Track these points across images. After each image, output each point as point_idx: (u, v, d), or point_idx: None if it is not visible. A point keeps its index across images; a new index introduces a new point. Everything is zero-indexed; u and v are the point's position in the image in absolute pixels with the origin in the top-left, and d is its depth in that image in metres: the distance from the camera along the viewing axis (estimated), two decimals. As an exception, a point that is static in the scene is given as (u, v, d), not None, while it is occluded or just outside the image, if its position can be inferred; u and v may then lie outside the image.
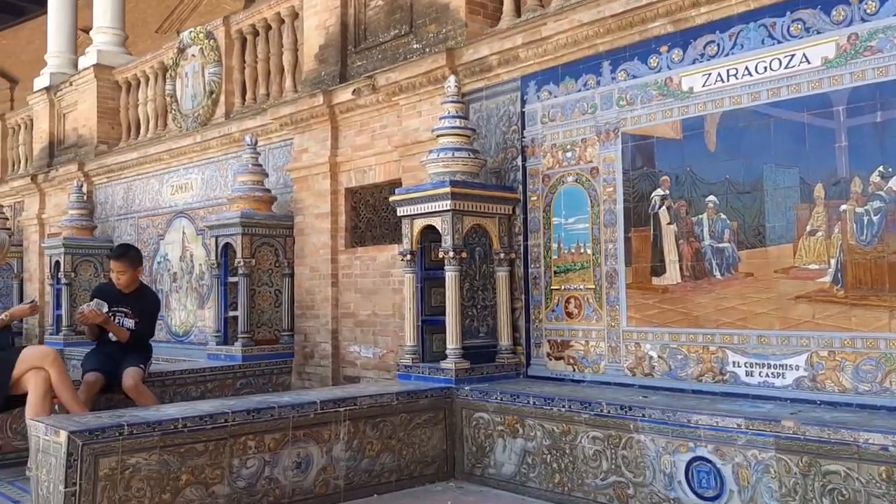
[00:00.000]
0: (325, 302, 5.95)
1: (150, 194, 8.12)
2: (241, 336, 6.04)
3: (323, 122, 5.98)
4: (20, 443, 4.88)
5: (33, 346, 4.80)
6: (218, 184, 7.27)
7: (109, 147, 8.96)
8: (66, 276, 8.19)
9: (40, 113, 9.96)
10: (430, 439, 4.26)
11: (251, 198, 6.20)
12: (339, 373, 5.88)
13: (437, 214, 4.49)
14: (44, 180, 9.46)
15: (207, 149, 7.28)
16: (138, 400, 5.06)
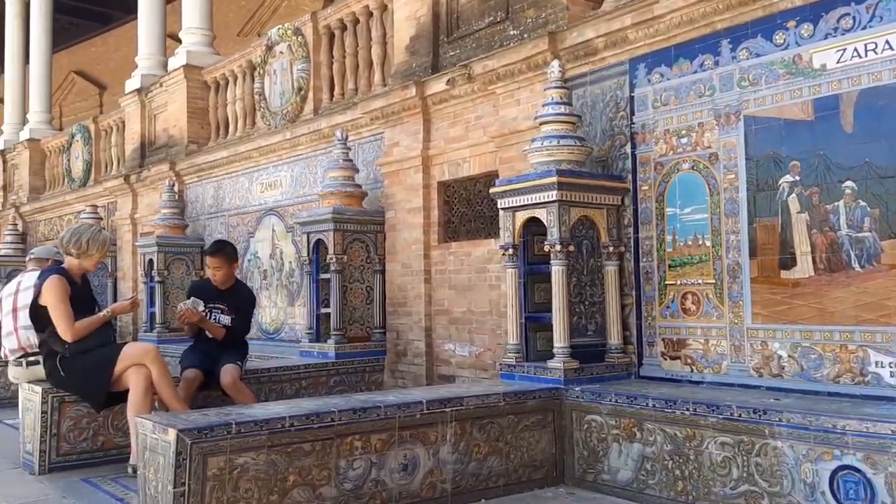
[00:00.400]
0: (418, 299, 5.80)
1: (239, 192, 8.15)
2: (333, 333, 5.95)
3: (415, 115, 5.83)
4: (121, 439, 4.89)
5: (135, 343, 4.81)
6: (307, 181, 7.22)
7: (199, 147, 9.06)
8: (160, 275, 8.30)
9: (132, 114, 10.17)
10: (538, 442, 4.05)
11: (342, 193, 6.11)
12: (434, 371, 5.72)
13: (541, 206, 4.27)
14: (136, 180, 9.64)
15: (296, 146, 7.24)
16: (236, 397, 5.01)
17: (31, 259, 5.47)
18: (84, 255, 4.77)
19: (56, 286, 4.60)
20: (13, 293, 5.09)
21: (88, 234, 4.80)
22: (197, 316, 5.06)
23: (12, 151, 13.49)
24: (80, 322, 4.61)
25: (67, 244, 4.76)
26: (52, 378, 4.69)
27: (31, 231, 12.74)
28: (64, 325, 4.56)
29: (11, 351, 4.98)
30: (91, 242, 4.77)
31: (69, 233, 4.79)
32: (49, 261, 5.45)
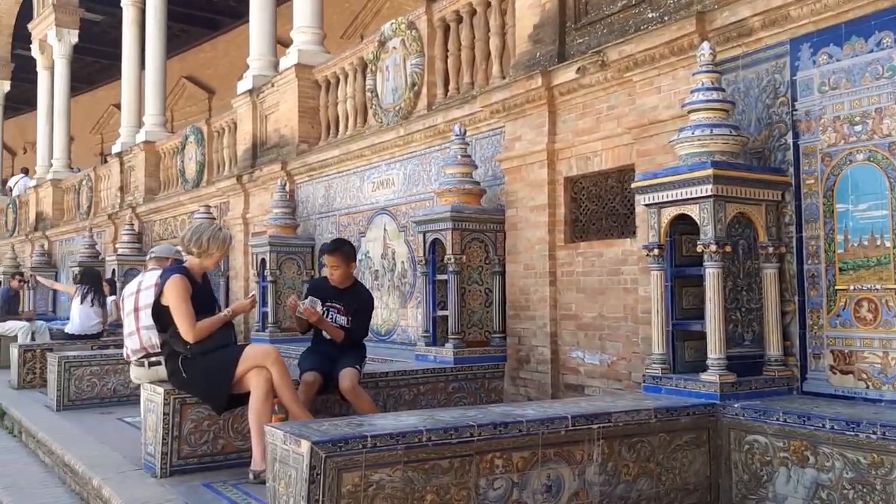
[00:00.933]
0: (542, 302, 5.47)
1: (350, 191, 8.02)
2: (451, 337, 5.69)
3: (539, 107, 5.50)
4: (241, 443, 4.76)
5: (256, 345, 4.67)
6: (420, 178, 7.00)
7: (310, 146, 9.00)
8: (272, 274, 8.27)
9: (243, 115, 10.24)
10: (691, 464, 3.65)
11: (461, 191, 5.84)
12: (559, 380, 5.37)
13: (693, 202, 3.86)
14: (248, 181, 9.68)
15: (410, 143, 7.03)
16: (355, 403, 4.81)
17: (152, 258, 5.45)
18: (205, 254, 4.67)
19: (178, 286, 4.51)
20: (134, 293, 5.05)
21: (209, 232, 4.70)
22: (315, 316, 4.90)
23: (129, 153, 13.92)
24: (201, 322, 4.51)
25: (188, 243, 4.67)
26: (174, 379, 4.61)
27: (147, 231, 13.10)
28: (186, 326, 4.46)
29: (133, 351, 4.94)
30: (211, 241, 4.67)
31: (190, 231, 4.71)
32: (169, 260, 5.41)
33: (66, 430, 6.24)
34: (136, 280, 5.15)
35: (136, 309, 4.95)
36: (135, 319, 4.94)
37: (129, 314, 4.99)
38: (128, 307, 5.01)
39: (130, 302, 5.00)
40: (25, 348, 8.89)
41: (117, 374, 7.40)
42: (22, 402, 7.88)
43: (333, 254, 5.01)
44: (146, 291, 4.98)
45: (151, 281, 5.02)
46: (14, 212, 19.53)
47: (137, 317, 4.93)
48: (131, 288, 5.10)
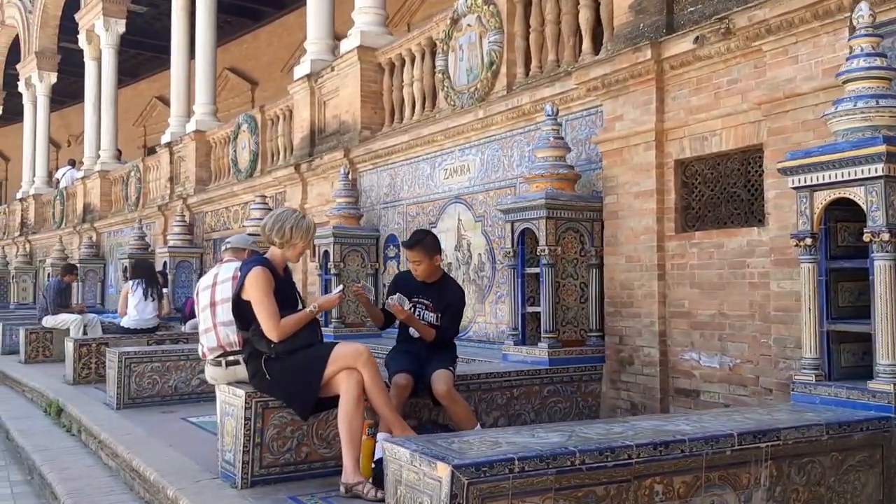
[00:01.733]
0: (649, 298, 4.97)
1: (419, 179, 7.57)
2: (544, 336, 5.21)
3: (645, 83, 4.99)
4: (326, 450, 4.36)
5: (346, 343, 4.24)
6: (500, 164, 6.52)
7: (372, 133, 8.58)
8: (336, 267, 7.87)
9: (300, 101, 9.85)
10: (863, 487, 3.14)
11: (554, 176, 5.36)
12: (669, 384, 4.88)
13: (857, 183, 3.34)
14: (307, 169, 9.29)
15: (489, 126, 6.55)
16: (451, 408, 4.37)
17: (228, 249, 5.06)
18: (287, 245, 4.26)
19: (260, 279, 4.10)
20: (210, 286, 4.66)
21: (292, 220, 4.28)
22: (404, 313, 4.47)
23: (179, 144, 13.65)
24: (286, 319, 4.10)
25: (270, 232, 4.26)
26: (255, 381, 4.20)
27: (198, 222, 12.82)
28: (269, 323, 4.05)
29: (210, 349, 4.55)
30: (295, 230, 4.25)
31: (272, 219, 4.29)
32: (246, 251, 5.01)
33: (130, 431, 5.90)
34: (212, 272, 4.76)
35: (213, 304, 4.56)
36: (211, 315, 4.55)
37: (204, 309, 4.61)
38: (203, 301, 4.63)
39: (206, 296, 4.61)
40: (81, 342, 8.62)
41: (178, 371, 7.07)
42: (79, 398, 7.59)
43: (414, 248, 4.57)
44: (223, 285, 4.59)
45: (229, 274, 4.63)
46: (61, 203, 19.47)
47: (214, 312, 4.54)
48: (207, 281, 4.72)
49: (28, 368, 10.34)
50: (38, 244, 20.44)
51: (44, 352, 10.96)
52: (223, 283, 4.59)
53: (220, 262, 4.95)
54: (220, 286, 4.60)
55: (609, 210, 5.29)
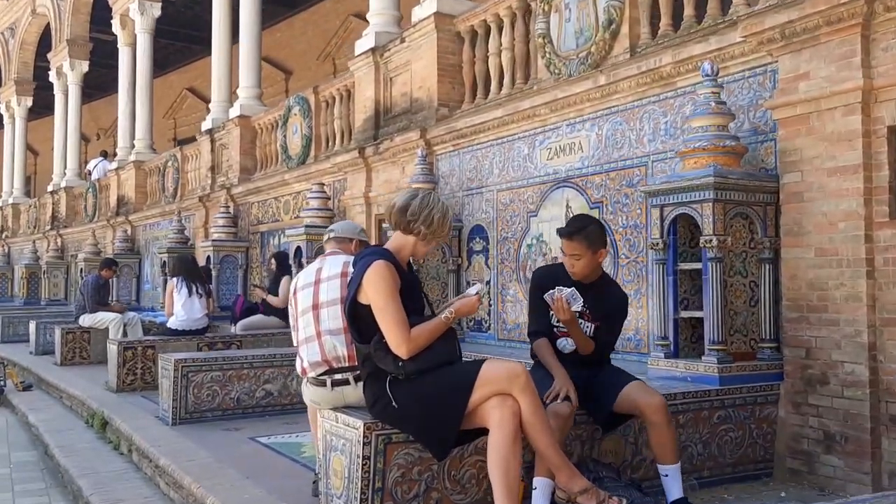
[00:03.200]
0: (852, 301, 3.94)
1: (514, 161, 6.58)
2: (711, 348, 4.20)
3: (845, 31, 3.96)
4: (460, 496, 3.41)
5: (497, 362, 3.27)
6: (625, 140, 5.51)
7: (450, 110, 7.61)
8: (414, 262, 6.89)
9: (363, 79, 8.89)
10: None
11: (718, 149, 4.34)
12: (882, 410, 3.85)
13: None
14: (372, 154, 8.33)
15: (610, 95, 5.54)
16: (663, 431, 3.45)
17: (331, 238, 4.08)
18: (430, 236, 3.31)
19: (384, 277, 3.14)
20: (311, 285, 3.70)
21: (441, 209, 3.32)
22: (568, 313, 3.50)
23: (221, 130, 12.74)
24: (417, 329, 3.14)
25: (413, 218, 3.28)
26: (376, 408, 3.24)
27: (243, 214, 11.92)
28: (397, 334, 3.09)
29: (312, 365, 3.60)
30: (443, 221, 3.32)
31: (417, 202, 3.30)
32: (353, 242, 4.05)
33: (193, 455, 4.98)
34: (313, 267, 3.80)
35: (317, 306, 3.62)
36: (314, 321, 3.60)
37: (305, 313, 3.66)
38: (303, 303, 3.68)
39: (307, 297, 3.66)
40: (125, 345, 7.74)
41: (241, 380, 6.15)
42: (126, 410, 6.69)
43: (573, 238, 3.58)
44: (329, 283, 3.64)
45: (337, 269, 3.67)
46: (94, 196, 18.71)
47: (318, 317, 3.60)
48: (306, 278, 3.76)
49: (65, 372, 9.50)
50: (70, 238, 19.72)
51: (81, 353, 10.14)
52: (329, 281, 3.64)
53: (322, 254, 3.99)
54: (325, 284, 3.65)
55: (789, 191, 4.26)
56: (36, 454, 6.76)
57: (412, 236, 3.32)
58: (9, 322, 13.91)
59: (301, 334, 3.65)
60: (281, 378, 6.30)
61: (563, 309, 3.45)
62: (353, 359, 3.51)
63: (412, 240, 3.32)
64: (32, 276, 19.39)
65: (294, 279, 3.85)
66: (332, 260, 3.76)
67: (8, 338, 13.70)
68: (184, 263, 8.53)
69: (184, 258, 8.80)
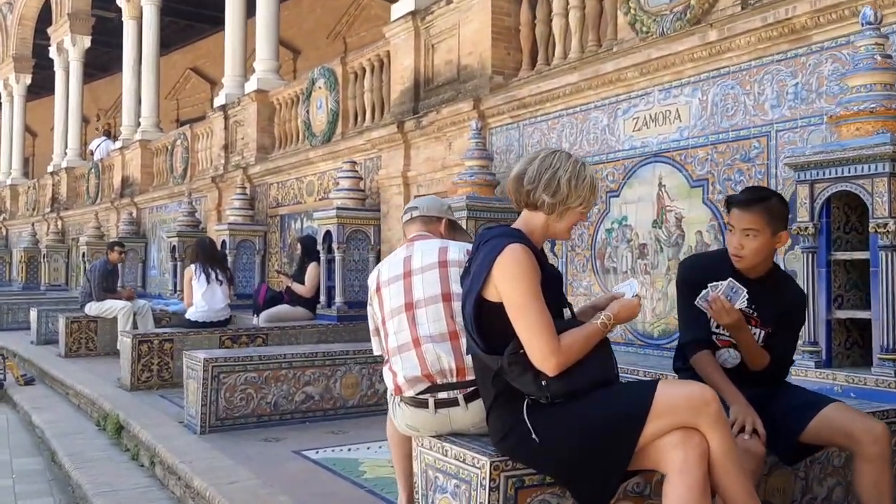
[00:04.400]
0: None
1: (590, 133, 5.76)
2: (884, 357, 3.40)
3: None
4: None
5: (674, 384, 2.46)
6: (738, 106, 4.69)
7: (505, 78, 6.79)
8: (469, 248, 6.09)
9: (400, 46, 8.05)
10: None
11: (888, 112, 3.51)
12: None
13: None
14: (413, 128, 7.50)
15: (721, 53, 4.72)
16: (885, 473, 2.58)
17: (415, 219, 3.23)
18: (561, 210, 2.50)
19: (524, 266, 2.35)
20: (400, 277, 2.88)
21: (570, 168, 2.49)
22: (734, 315, 2.69)
23: (235, 106, 11.88)
24: (568, 337, 2.33)
25: (533, 186, 2.48)
26: (509, 442, 2.42)
27: (260, 196, 11.09)
28: (545, 343, 2.29)
29: (409, 381, 2.78)
30: (577, 184, 2.49)
31: (535, 165, 2.49)
32: (442, 221, 3.23)
33: (232, 474, 4.18)
34: (398, 254, 2.99)
35: (411, 306, 2.80)
36: (410, 324, 2.78)
37: (395, 314, 2.84)
38: (393, 301, 2.86)
39: (397, 293, 2.84)
40: (140, 339, 6.93)
41: (279, 382, 5.36)
42: (144, 413, 5.90)
43: (751, 208, 2.76)
44: (424, 275, 2.83)
45: (432, 256, 2.87)
46: (96, 177, 17.86)
47: (414, 319, 2.78)
48: (393, 269, 2.94)
49: (70, 364, 8.70)
50: (71, 221, 18.87)
51: (87, 344, 9.34)
52: (425, 273, 2.83)
53: (407, 239, 3.17)
54: (418, 277, 2.84)
55: (980, 164, 3.45)
56: (41, 461, 5.97)
57: (539, 212, 2.51)
58: (7, 308, 13.11)
59: (392, 341, 2.83)
60: (323, 379, 5.51)
61: (726, 310, 2.64)
62: (462, 372, 2.72)
63: (541, 217, 2.51)
64: (31, 259, 18.57)
65: (375, 271, 3.04)
66: (423, 245, 2.95)
67: (6, 325, 12.89)
68: (203, 248, 7.72)
69: (202, 242, 7.99)
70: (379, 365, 5.72)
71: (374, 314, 2.98)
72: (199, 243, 7.92)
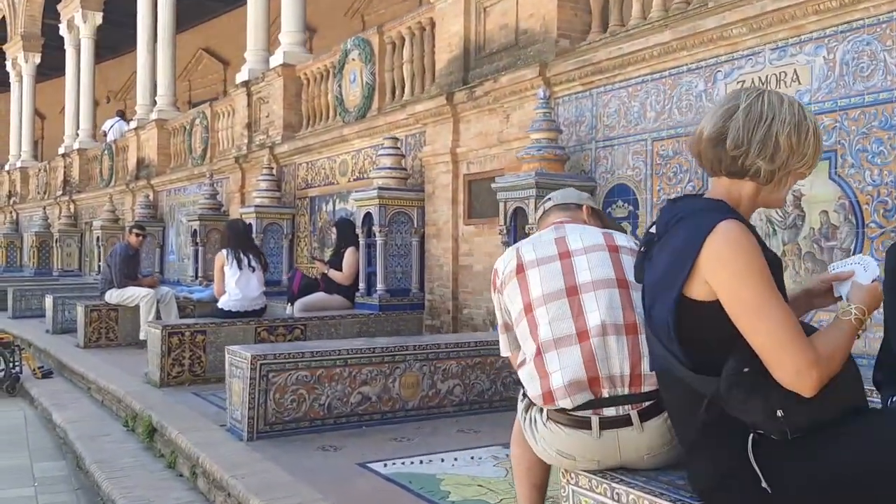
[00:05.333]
0: None
1: (682, 100, 5.09)
2: None
3: None
4: None
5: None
6: (876, 66, 3.99)
7: (572, 42, 6.12)
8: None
9: (448, 11, 7.38)
10: None
11: None
12: None
13: None
14: (466, 99, 6.84)
15: (855, 4, 4.05)
16: None
17: (551, 209, 2.57)
18: (781, 174, 1.86)
19: (748, 250, 1.70)
20: (555, 257, 2.25)
21: (787, 115, 1.83)
22: None
23: (259, 82, 11.22)
24: (817, 341, 1.70)
25: (739, 147, 1.81)
26: (724, 491, 1.78)
27: (287, 177, 10.46)
28: (798, 352, 1.65)
29: (572, 385, 2.12)
30: (799, 138, 1.83)
31: (738, 119, 1.81)
32: (584, 208, 2.57)
33: (296, 495, 3.57)
34: (544, 236, 2.35)
35: (575, 289, 2.18)
36: (574, 311, 2.16)
37: (551, 299, 2.21)
38: (547, 284, 2.24)
39: (553, 274, 2.23)
40: (171, 330, 6.32)
41: (333, 382, 4.75)
42: (179, 414, 5.31)
43: None
44: (591, 256, 2.24)
45: (595, 238, 2.25)
46: (110, 159, 17.26)
47: (580, 305, 2.16)
48: (542, 248, 2.30)
49: (90, 356, 8.12)
50: (84, 204, 18.31)
51: (107, 334, 8.78)
52: (591, 254, 2.23)
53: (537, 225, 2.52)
54: (583, 258, 2.23)
55: None
56: (65, 466, 5.40)
57: (749, 181, 1.87)
58: (21, 295, 12.53)
59: (544, 332, 2.17)
60: (381, 378, 4.89)
61: None
62: (637, 381, 2.08)
63: (750, 186, 1.87)
64: (43, 244, 18.05)
65: (509, 252, 2.40)
66: (577, 228, 2.33)
67: (20, 313, 12.33)
68: (236, 232, 7.10)
69: (235, 225, 7.37)
70: (442, 362, 5.12)
71: (503, 305, 2.34)
72: (232, 227, 7.30)
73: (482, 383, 5.21)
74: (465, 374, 5.15)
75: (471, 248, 6.93)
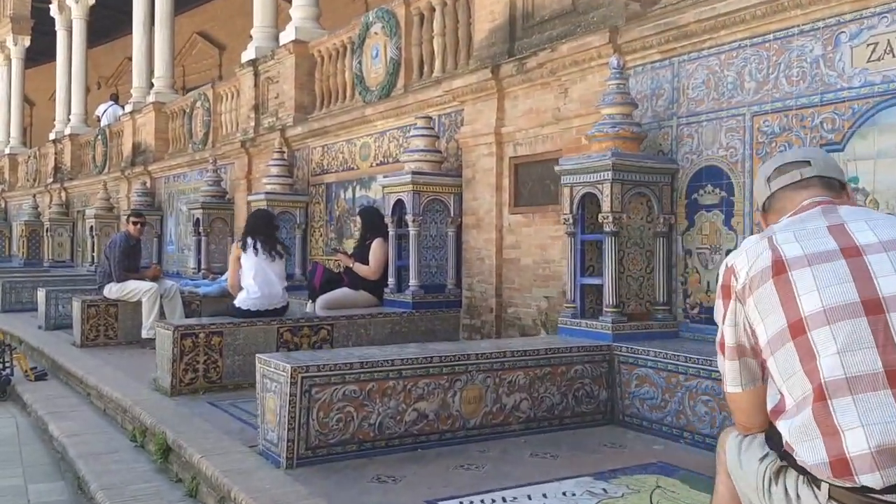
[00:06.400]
0: None
1: (792, 68, 4.34)
2: None
3: None
4: None
5: None
6: None
7: (642, 6, 5.38)
8: (615, 223, 4.72)
9: (490, -24, 6.61)
10: None
11: None
12: None
13: None
14: (515, 72, 6.08)
15: None
16: None
17: (810, 179, 1.84)
18: None
19: None
20: (836, 253, 1.46)
21: None
22: None
23: (268, 61, 10.41)
24: None
25: None
26: None
27: (300, 162, 9.68)
28: None
29: (881, 451, 1.34)
30: None
31: None
32: (846, 189, 1.82)
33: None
34: (809, 222, 1.59)
35: (880, 304, 1.40)
36: (879, 339, 1.39)
37: (838, 318, 1.44)
38: (828, 295, 1.46)
39: (839, 278, 1.46)
40: (183, 332, 5.56)
41: (385, 397, 4.00)
42: (198, 430, 4.54)
43: None
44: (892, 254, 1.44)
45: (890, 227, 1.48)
46: (104, 144, 16.41)
47: (888, 330, 1.39)
48: (810, 239, 1.54)
49: (89, 357, 7.35)
50: (77, 192, 17.46)
51: (106, 332, 8.01)
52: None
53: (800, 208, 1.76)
54: (885, 255, 1.45)
55: None
56: (65, 488, 4.65)
57: None
58: (10, 287, 11.72)
59: (832, 367, 1.40)
60: (439, 392, 4.15)
61: None
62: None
63: None
64: (33, 233, 17.20)
65: (750, 246, 1.65)
66: (859, 211, 1.58)
67: (9, 306, 11.52)
68: (260, 221, 6.31)
69: (259, 214, 6.59)
70: (508, 372, 4.37)
71: (745, 318, 1.59)
72: (258, 216, 6.51)
73: (552, 397, 4.47)
74: (533, 386, 4.41)
75: (517, 239, 6.18)
